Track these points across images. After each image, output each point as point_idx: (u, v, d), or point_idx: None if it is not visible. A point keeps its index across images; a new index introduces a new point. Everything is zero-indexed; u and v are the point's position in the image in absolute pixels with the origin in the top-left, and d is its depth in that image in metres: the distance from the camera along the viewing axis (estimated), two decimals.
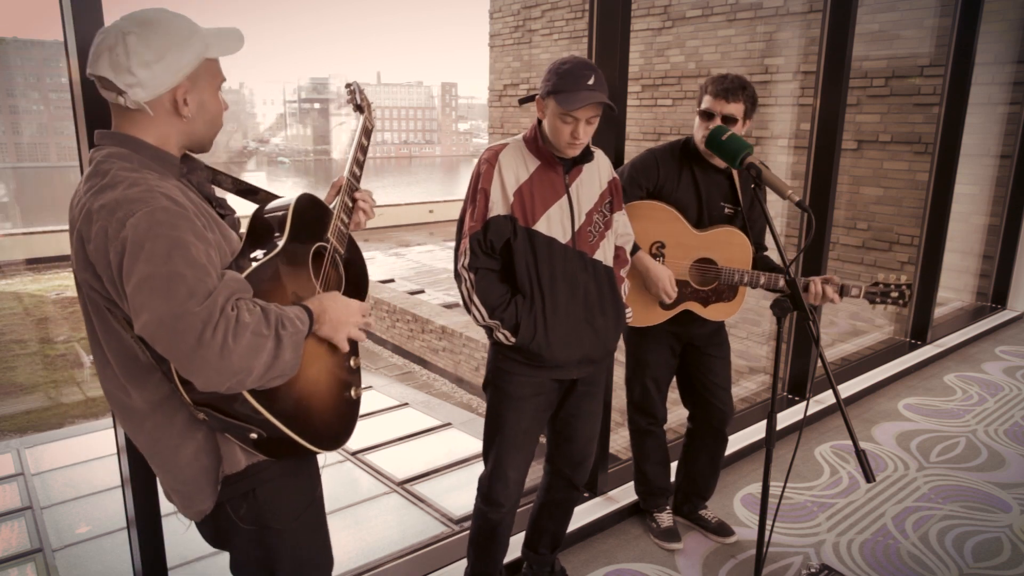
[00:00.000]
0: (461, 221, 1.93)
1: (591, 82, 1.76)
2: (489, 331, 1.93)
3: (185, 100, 1.24)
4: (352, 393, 1.42)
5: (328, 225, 1.46)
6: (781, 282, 2.23)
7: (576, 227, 1.92)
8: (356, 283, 1.53)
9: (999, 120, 5.52)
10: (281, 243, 1.31)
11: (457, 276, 1.92)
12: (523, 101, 1.96)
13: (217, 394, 1.15)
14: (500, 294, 1.88)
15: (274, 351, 1.14)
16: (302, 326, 1.20)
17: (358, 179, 1.59)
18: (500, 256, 1.90)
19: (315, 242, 1.41)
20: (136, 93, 1.19)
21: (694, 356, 2.46)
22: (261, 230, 1.36)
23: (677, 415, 2.80)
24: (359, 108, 1.72)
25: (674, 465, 2.70)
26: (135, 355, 1.23)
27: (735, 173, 2.30)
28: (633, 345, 2.48)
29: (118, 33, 1.18)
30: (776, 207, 5.49)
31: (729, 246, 2.27)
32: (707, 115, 2.19)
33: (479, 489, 2.09)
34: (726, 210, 2.30)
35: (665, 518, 2.61)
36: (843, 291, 2.23)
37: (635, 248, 2.19)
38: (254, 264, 1.25)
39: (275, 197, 1.48)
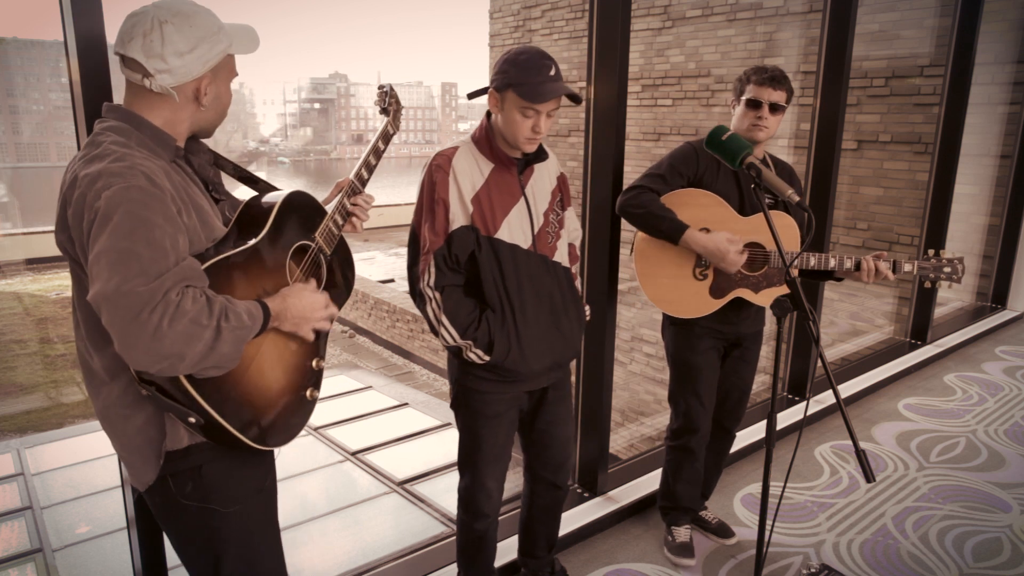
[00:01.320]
0: (415, 236, 1.82)
1: (553, 73, 1.70)
2: (458, 350, 1.84)
3: (205, 91, 1.31)
4: (308, 394, 1.43)
5: (318, 224, 1.47)
6: (832, 262, 2.20)
7: (535, 230, 1.86)
8: (339, 284, 1.54)
9: (999, 120, 5.52)
10: (258, 237, 1.33)
11: (419, 296, 1.81)
12: (472, 95, 1.85)
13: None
14: (469, 311, 1.79)
15: (211, 342, 1.16)
16: (250, 322, 1.22)
17: (364, 182, 1.59)
18: (464, 270, 1.81)
19: (300, 239, 1.42)
20: (164, 79, 1.26)
21: (728, 360, 2.42)
22: (247, 220, 1.38)
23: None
24: (385, 111, 1.71)
25: None
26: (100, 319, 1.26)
27: (771, 163, 2.30)
28: (680, 349, 2.38)
29: (154, 20, 1.24)
30: None
31: (777, 228, 2.23)
32: (755, 104, 2.17)
33: (460, 502, 2.05)
34: (767, 200, 2.26)
35: (683, 533, 2.53)
36: (896, 267, 2.20)
37: (683, 227, 2.13)
38: (222, 254, 1.27)
39: (274, 189, 1.49)
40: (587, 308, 2.07)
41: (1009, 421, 3.67)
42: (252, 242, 1.32)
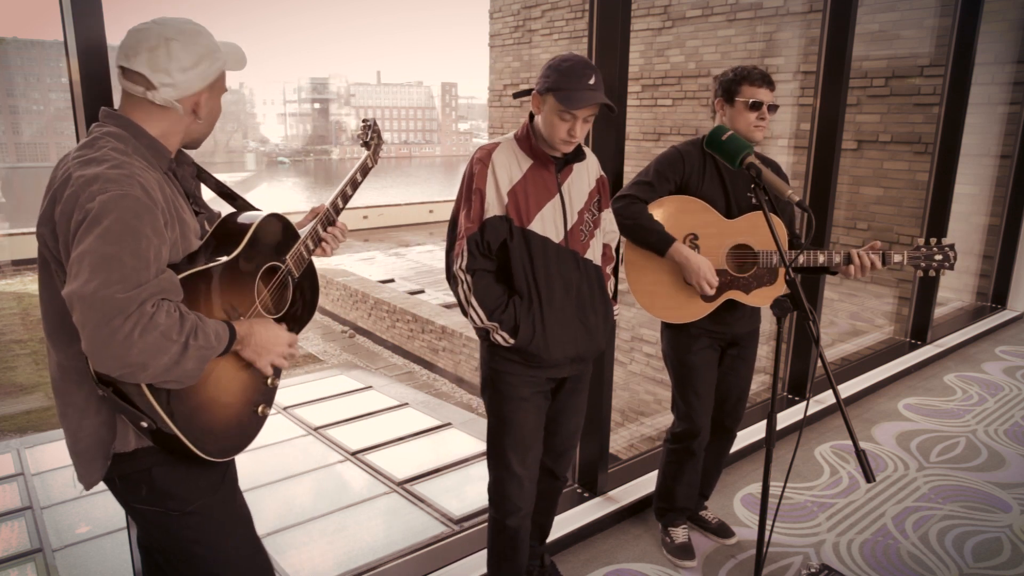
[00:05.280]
0: (454, 222, 1.91)
1: (592, 82, 1.77)
2: (485, 333, 1.91)
3: (204, 105, 1.36)
4: (260, 411, 1.45)
5: (290, 247, 1.52)
6: (821, 258, 2.21)
7: (568, 226, 1.92)
8: (302, 307, 1.57)
9: (999, 120, 5.52)
10: (231, 255, 1.36)
11: (452, 278, 1.90)
12: (518, 95, 1.96)
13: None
14: (498, 295, 1.87)
15: (177, 357, 1.19)
16: (216, 343, 1.26)
17: (338, 212, 1.64)
18: (496, 257, 1.89)
19: (270, 261, 1.46)
20: (167, 92, 1.30)
21: (725, 359, 2.43)
22: (222, 236, 1.41)
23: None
24: (366, 144, 1.77)
25: None
26: (65, 316, 1.27)
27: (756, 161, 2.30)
28: (677, 351, 2.39)
29: (160, 37, 1.29)
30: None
31: (764, 229, 2.24)
32: (757, 105, 2.18)
33: (492, 500, 2.04)
34: (753, 200, 2.28)
35: (680, 533, 2.54)
36: (885, 258, 2.21)
37: (670, 240, 2.17)
38: (195, 268, 1.30)
39: (251, 208, 1.53)
40: (616, 307, 2.10)
41: (1009, 421, 3.67)
42: (225, 259, 1.35)
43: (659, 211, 2.23)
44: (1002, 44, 5.35)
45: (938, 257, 2.24)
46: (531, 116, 1.90)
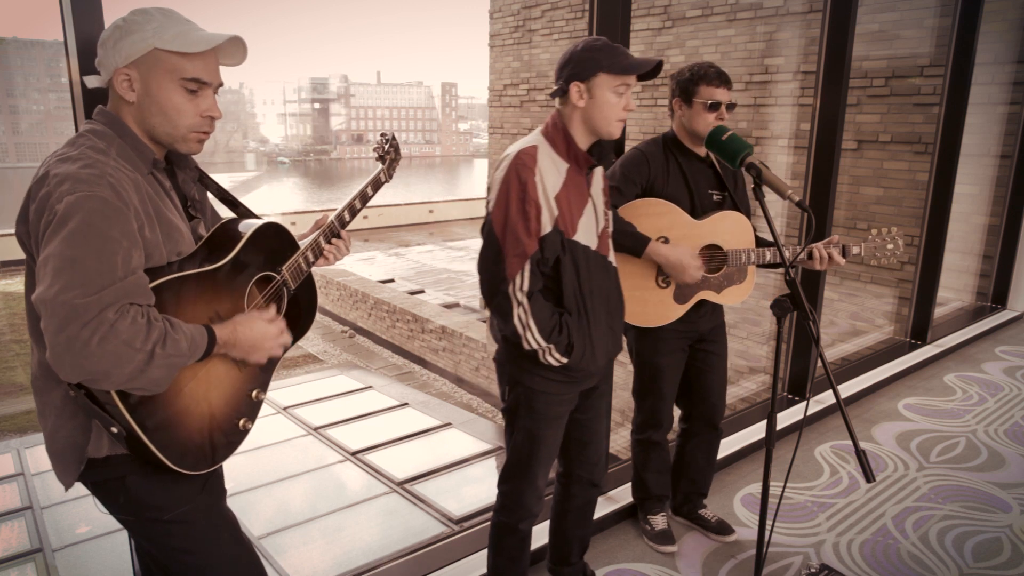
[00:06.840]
0: (494, 236, 1.74)
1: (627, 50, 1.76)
2: (532, 353, 1.80)
3: (132, 86, 1.28)
4: (240, 424, 1.42)
5: (287, 258, 1.48)
6: (787, 253, 2.24)
7: (599, 230, 1.87)
8: (297, 319, 1.54)
9: (999, 120, 5.52)
10: (222, 261, 1.33)
11: (505, 300, 1.74)
12: (556, 94, 1.80)
13: None
14: (550, 315, 1.78)
15: (142, 366, 1.15)
16: (190, 350, 1.21)
17: (344, 225, 1.61)
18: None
19: (264, 270, 1.43)
20: (102, 75, 1.29)
21: (698, 355, 2.46)
22: (217, 242, 1.38)
23: None
24: (382, 159, 1.72)
25: None
26: None
27: (715, 159, 2.31)
28: (646, 351, 2.42)
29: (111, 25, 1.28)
30: (776, 207, 5.49)
31: (731, 229, 2.28)
32: (716, 106, 2.18)
33: (506, 507, 1.99)
34: (715, 197, 2.31)
35: (659, 520, 2.58)
36: (845, 251, 2.28)
37: (645, 240, 2.15)
38: (184, 272, 1.27)
39: (253, 215, 1.51)
40: None
41: (1009, 421, 3.67)
42: (213, 265, 1.32)
43: (626, 215, 2.21)
44: (1002, 44, 5.35)
45: (889, 246, 2.35)
46: (560, 115, 1.79)
